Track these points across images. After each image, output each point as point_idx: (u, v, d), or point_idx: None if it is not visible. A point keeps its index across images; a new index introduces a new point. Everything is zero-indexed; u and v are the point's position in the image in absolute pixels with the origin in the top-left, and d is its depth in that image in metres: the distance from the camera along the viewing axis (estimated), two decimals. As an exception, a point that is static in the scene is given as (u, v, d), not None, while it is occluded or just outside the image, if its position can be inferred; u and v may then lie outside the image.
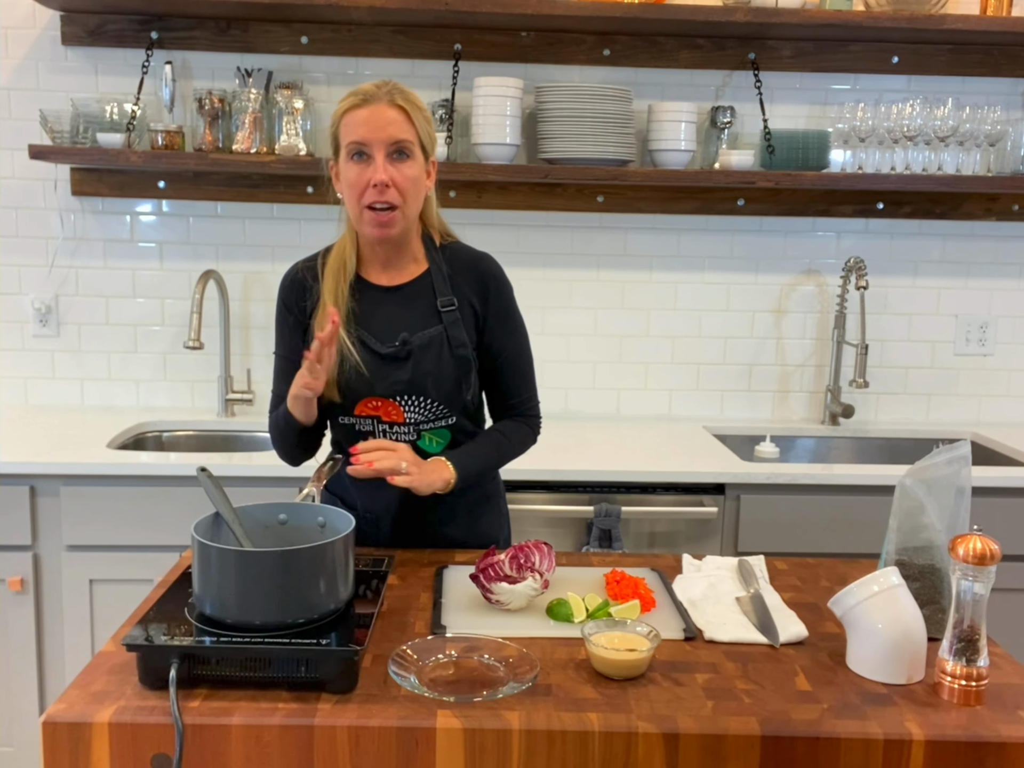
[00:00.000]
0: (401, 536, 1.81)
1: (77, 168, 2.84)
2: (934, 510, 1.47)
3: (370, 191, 1.63)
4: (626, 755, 1.20)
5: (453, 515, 1.83)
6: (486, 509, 1.90)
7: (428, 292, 1.76)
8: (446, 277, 1.77)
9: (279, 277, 1.80)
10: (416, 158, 1.67)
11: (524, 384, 1.86)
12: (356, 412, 1.75)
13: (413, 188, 1.67)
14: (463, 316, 1.76)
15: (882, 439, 2.99)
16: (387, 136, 1.63)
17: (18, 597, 2.40)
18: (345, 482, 1.83)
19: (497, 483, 1.95)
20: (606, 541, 2.38)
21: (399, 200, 1.65)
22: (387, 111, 1.64)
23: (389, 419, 1.75)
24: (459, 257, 1.80)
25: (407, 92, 1.68)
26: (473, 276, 1.78)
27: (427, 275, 1.77)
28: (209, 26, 2.79)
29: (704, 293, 3.02)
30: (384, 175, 1.62)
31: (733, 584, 1.64)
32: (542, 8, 2.59)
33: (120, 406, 2.97)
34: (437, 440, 1.78)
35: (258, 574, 1.28)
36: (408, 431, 1.76)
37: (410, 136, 1.65)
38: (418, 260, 1.79)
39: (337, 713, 1.21)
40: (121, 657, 1.31)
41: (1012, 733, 1.22)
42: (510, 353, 1.82)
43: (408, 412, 1.74)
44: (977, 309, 3.07)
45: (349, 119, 1.65)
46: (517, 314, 1.84)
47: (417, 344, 1.73)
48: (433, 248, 1.79)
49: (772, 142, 2.80)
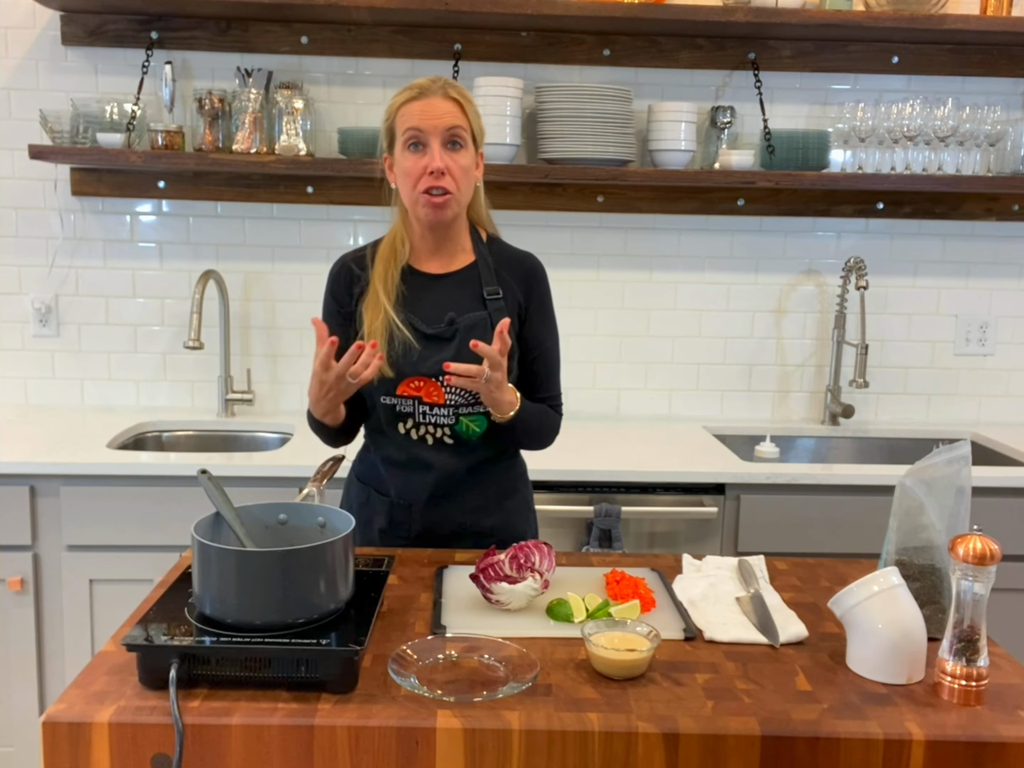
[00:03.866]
0: (432, 523, 1.85)
1: (77, 168, 2.84)
2: (934, 510, 1.47)
3: (426, 178, 1.70)
4: (626, 755, 1.20)
5: (484, 503, 1.87)
6: (515, 501, 1.93)
7: (475, 281, 1.83)
8: (492, 269, 1.84)
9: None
10: (468, 148, 1.75)
11: (554, 381, 1.92)
12: (399, 392, 1.79)
13: (465, 176, 1.74)
14: (507, 306, 1.82)
15: (882, 439, 2.99)
16: (443, 125, 1.70)
17: (18, 597, 2.40)
18: (379, 471, 1.87)
19: (525, 478, 1.99)
20: (606, 541, 2.38)
21: (453, 187, 1.72)
22: (441, 103, 1.72)
23: (430, 400, 1.78)
24: (505, 252, 1.88)
25: (459, 86, 1.77)
26: (519, 271, 1.86)
27: (474, 266, 1.84)
28: (209, 26, 2.79)
29: (704, 293, 3.02)
30: (440, 162, 1.69)
31: (733, 584, 1.64)
32: (542, 8, 2.59)
33: (120, 406, 2.97)
34: (474, 427, 1.81)
35: (258, 574, 1.28)
36: (447, 414, 1.79)
37: (464, 125, 1.73)
38: (466, 251, 1.85)
39: (337, 713, 1.21)
40: (121, 657, 1.31)
41: (1012, 733, 1.22)
42: (546, 349, 1.89)
43: (449, 393, 1.78)
44: (977, 309, 3.07)
45: (405, 110, 1.73)
46: (553, 314, 1.92)
47: (463, 325, 1.78)
48: (480, 241, 1.87)
49: (772, 142, 2.80)
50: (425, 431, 1.81)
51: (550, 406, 1.90)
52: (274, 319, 2.94)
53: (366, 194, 2.88)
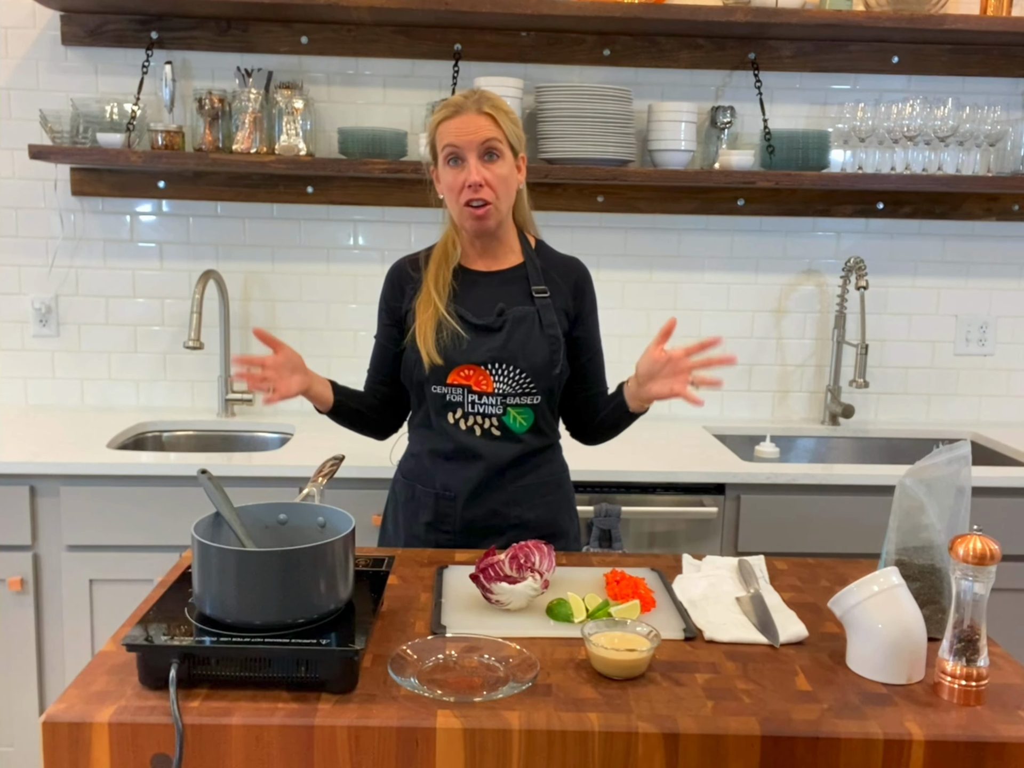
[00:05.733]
0: (476, 516, 1.89)
1: (77, 168, 2.84)
2: (934, 510, 1.47)
3: (466, 191, 1.80)
4: (626, 755, 1.20)
5: (528, 496, 1.91)
6: (558, 496, 1.98)
7: (523, 280, 1.91)
8: (540, 270, 1.92)
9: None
10: (505, 157, 1.82)
11: (605, 377, 2.02)
12: (448, 381, 1.86)
13: (504, 185, 1.82)
14: (555, 304, 1.90)
15: (882, 439, 2.99)
16: (478, 140, 1.79)
17: (18, 597, 2.40)
18: (424, 464, 1.92)
19: (567, 475, 2.03)
20: (606, 541, 2.39)
21: (492, 196, 1.81)
22: (476, 119, 1.80)
23: (479, 388, 1.85)
24: (551, 256, 1.97)
25: (494, 99, 1.84)
26: (568, 274, 1.95)
27: (522, 266, 1.93)
28: (209, 26, 2.79)
29: (704, 293, 3.02)
30: (477, 176, 1.78)
31: (733, 584, 1.64)
32: (542, 8, 2.59)
33: (120, 406, 2.97)
34: (522, 420, 1.88)
35: (258, 574, 1.28)
36: (495, 403, 1.86)
37: (499, 137, 1.81)
38: (515, 252, 1.94)
39: (337, 713, 1.21)
40: (121, 657, 1.31)
41: (1012, 733, 1.22)
42: (595, 352, 1.99)
43: (497, 382, 1.84)
44: (977, 309, 3.07)
45: (443, 129, 1.82)
46: (598, 318, 2.00)
47: (512, 316, 1.86)
48: (528, 245, 1.95)
49: (772, 142, 2.80)
50: (474, 421, 1.87)
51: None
52: (274, 319, 2.94)
53: (366, 194, 2.88)
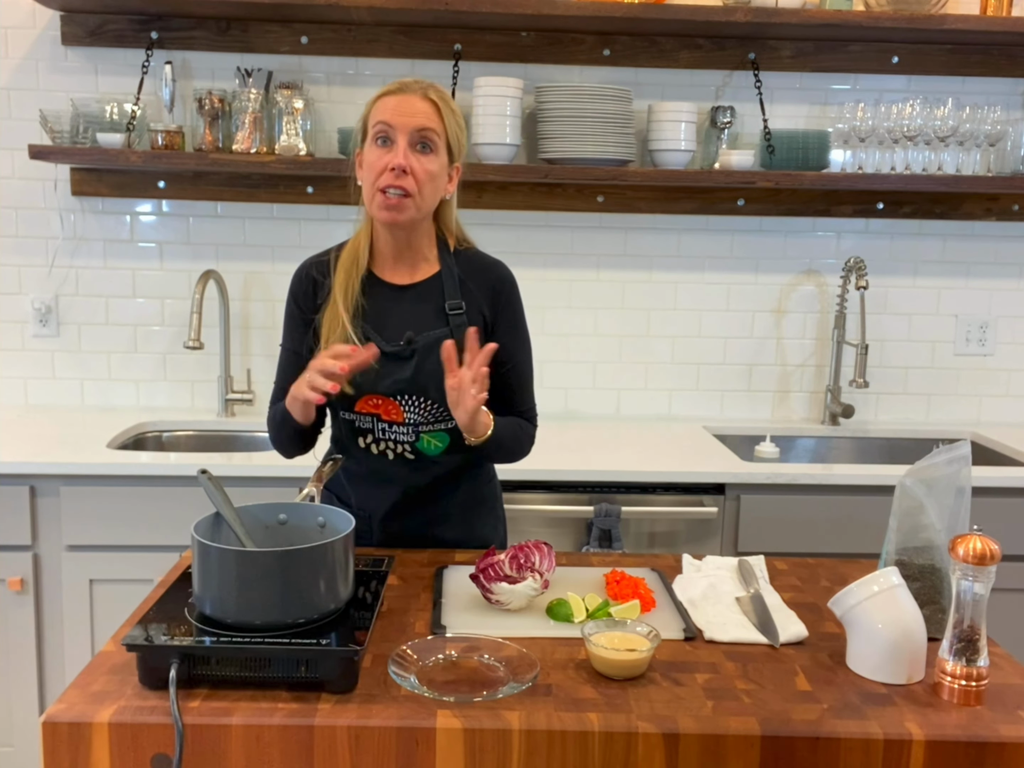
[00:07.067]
0: (394, 536, 1.82)
1: (77, 168, 2.84)
2: (934, 510, 1.47)
3: (387, 174, 1.63)
4: (626, 755, 1.20)
5: (447, 516, 1.83)
6: (481, 511, 1.89)
7: (437, 294, 1.76)
8: (457, 281, 1.76)
9: (279, 277, 1.80)
10: (439, 154, 1.68)
11: (527, 394, 1.85)
12: (357, 408, 1.75)
13: (430, 182, 1.67)
14: (471, 321, 1.74)
15: (882, 439, 2.99)
16: (414, 124, 1.64)
17: (18, 597, 2.40)
18: (341, 480, 1.85)
19: (493, 485, 1.94)
20: (606, 541, 2.38)
21: (413, 188, 1.64)
22: (418, 102, 1.65)
23: (389, 418, 1.75)
24: (472, 263, 1.80)
25: (443, 92, 1.71)
26: (485, 282, 1.78)
27: (437, 277, 1.77)
28: (209, 26, 2.79)
29: (704, 293, 3.02)
30: (403, 160, 1.62)
31: (733, 584, 1.64)
32: (542, 8, 2.59)
33: (120, 406, 2.97)
34: (436, 443, 1.77)
35: (258, 574, 1.28)
36: (407, 432, 1.75)
37: (437, 129, 1.66)
38: (430, 261, 1.78)
39: (337, 713, 1.21)
40: (121, 657, 1.31)
41: (1012, 733, 1.22)
42: (516, 363, 1.82)
43: (408, 412, 1.74)
44: (977, 309, 3.07)
45: (380, 104, 1.67)
46: (525, 324, 1.84)
47: (422, 344, 1.72)
48: (446, 252, 1.79)
49: (772, 142, 2.80)
50: (385, 447, 1.77)
51: (525, 419, 1.84)
52: (274, 319, 2.93)
53: (366, 194, 2.88)
